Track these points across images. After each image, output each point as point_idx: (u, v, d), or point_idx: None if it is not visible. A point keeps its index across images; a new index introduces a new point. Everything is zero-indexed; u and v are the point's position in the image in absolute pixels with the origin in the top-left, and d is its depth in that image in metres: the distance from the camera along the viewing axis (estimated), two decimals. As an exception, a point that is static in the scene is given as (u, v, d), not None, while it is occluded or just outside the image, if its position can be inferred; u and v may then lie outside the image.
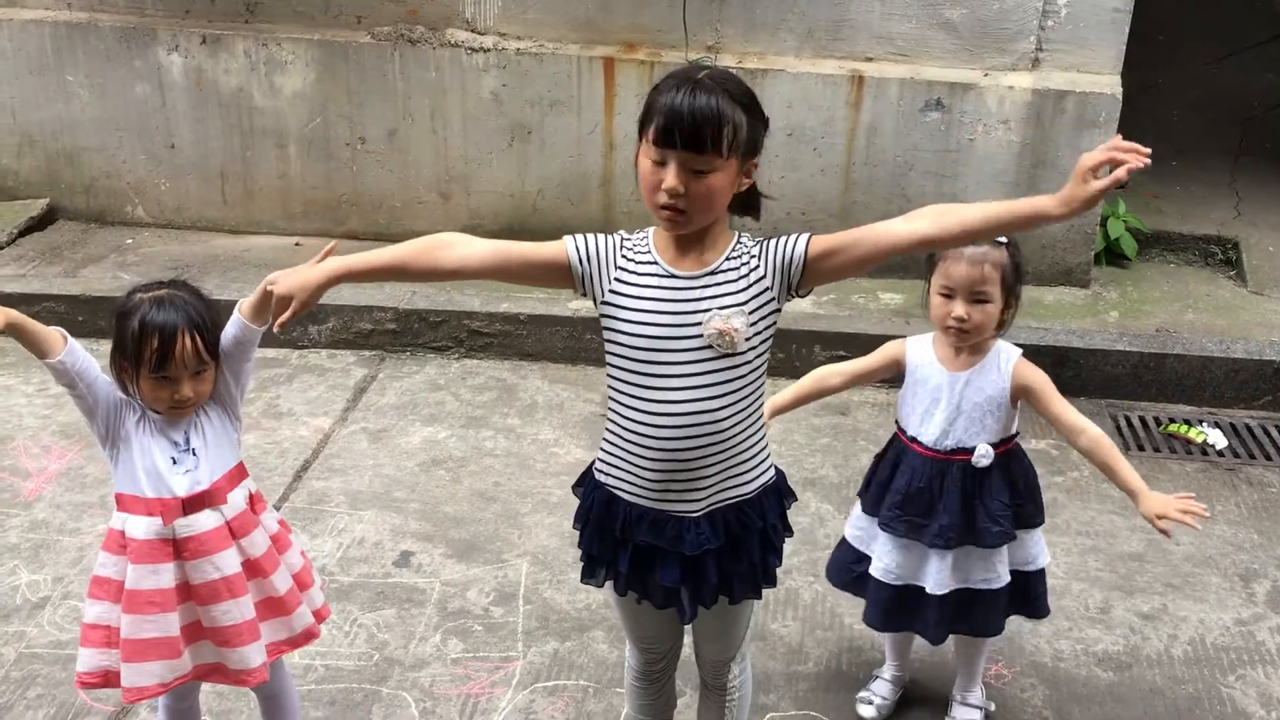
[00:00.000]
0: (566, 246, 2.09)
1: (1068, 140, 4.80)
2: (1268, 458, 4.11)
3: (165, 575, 2.30)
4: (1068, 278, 5.04)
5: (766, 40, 4.95)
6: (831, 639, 3.16)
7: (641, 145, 2.01)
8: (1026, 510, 2.71)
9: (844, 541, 2.89)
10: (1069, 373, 4.42)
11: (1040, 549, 2.76)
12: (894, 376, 2.76)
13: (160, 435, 2.32)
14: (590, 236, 2.11)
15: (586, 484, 2.25)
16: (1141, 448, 4.16)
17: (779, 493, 2.24)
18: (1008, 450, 2.68)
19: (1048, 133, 4.81)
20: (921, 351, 2.71)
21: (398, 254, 2.09)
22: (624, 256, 2.09)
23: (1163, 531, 2.51)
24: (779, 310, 2.09)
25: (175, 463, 2.31)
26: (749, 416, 2.12)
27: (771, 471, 2.22)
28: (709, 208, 2.00)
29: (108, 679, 2.34)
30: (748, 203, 2.12)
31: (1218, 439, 4.22)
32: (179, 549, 2.30)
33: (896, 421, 2.78)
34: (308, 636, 2.47)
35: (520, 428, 4.19)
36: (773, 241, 2.07)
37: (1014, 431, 2.70)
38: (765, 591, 2.28)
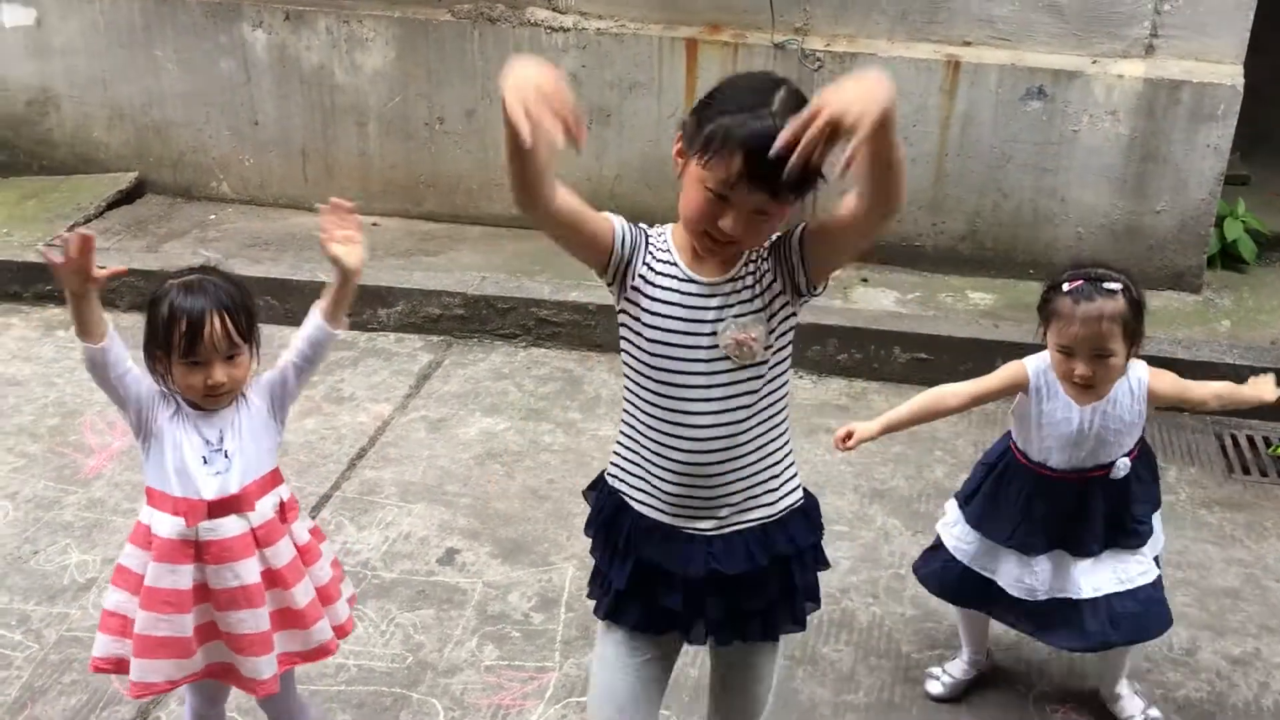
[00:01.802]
0: (614, 226, 1.90)
1: (1181, 134, 4.46)
2: (1389, 487, 3.77)
3: (184, 576, 2.25)
4: (1178, 282, 4.70)
5: (858, 22, 4.70)
6: (886, 667, 2.97)
7: (694, 163, 1.78)
8: (1154, 493, 2.68)
9: (943, 549, 2.74)
10: (1171, 386, 4.11)
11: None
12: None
13: (194, 431, 2.24)
14: (628, 224, 1.94)
15: (599, 489, 2.10)
16: (1247, 470, 3.85)
17: (808, 517, 2.05)
18: (1141, 449, 2.62)
19: (1159, 125, 4.47)
20: (1045, 376, 2.55)
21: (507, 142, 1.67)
22: (650, 253, 1.92)
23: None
24: (795, 314, 1.92)
25: (206, 462, 2.23)
26: (773, 430, 1.96)
27: (800, 493, 2.05)
28: (759, 242, 1.86)
29: (119, 666, 2.33)
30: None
31: (1334, 464, 3.88)
32: (200, 551, 2.25)
33: (1012, 441, 2.65)
34: (322, 652, 2.38)
35: (581, 422, 4.06)
36: (780, 244, 1.90)
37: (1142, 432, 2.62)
38: (815, 614, 2.10)
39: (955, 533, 2.73)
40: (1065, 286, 2.44)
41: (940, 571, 2.77)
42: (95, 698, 2.83)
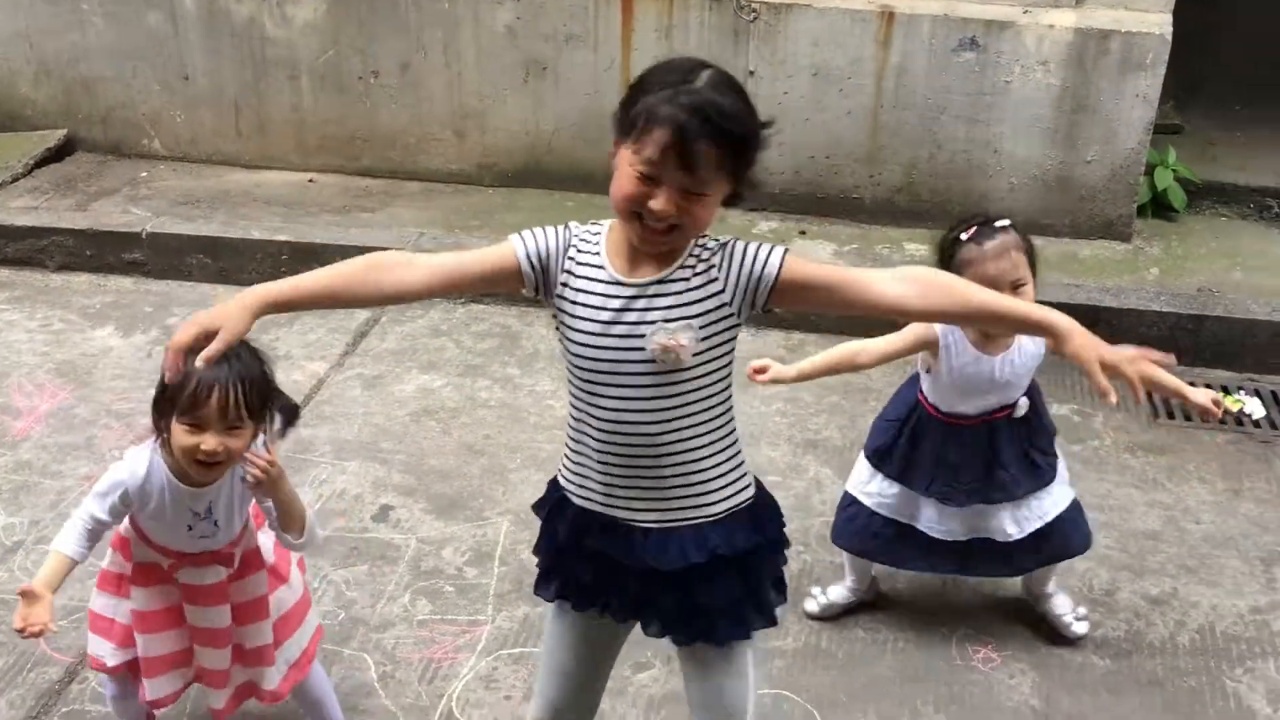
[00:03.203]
0: (516, 250, 1.86)
1: (1111, 84, 4.50)
2: (1308, 430, 3.86)
3: (162, 597, 2.31)
4: (1107, 231, 4.76)
5: (793, -27, 4.68)
6: (815, 613, 3.02)
7: (623, 148, 1.75)
8: (1048, 422, 2.77)
9: (862, 508, 2.80)
10: (1100, 334, 4.12)
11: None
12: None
13: (179, 506, 2.20)
14: (539, 235, 1.87)
15: (549, 493, 2.07)
16: (1171, 415, 3.92)
17: (761, 517, 2.00)
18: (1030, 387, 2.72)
19: (1089, 76, 4.50)
20: (953, 334, 2.60)
21: (332, 279, 1.85)
22: (571, 257, 1.86)
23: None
24: (739, 325, 1.87)
25: (191, 529, 2.23)
26: (710, 432, 1.91)
27: (743, 496, 1.97)
28: (698, 228, 1.80)
29: (107, 666, 2.39)
30: (730, 201, 1.87)
31: (1255, 408, 3.97)
32: (178, 585, 2.30)
33: (922, 395, 2.71)
34: (273, 696, 2.41)
35: (518, 378, 4.07)
36: (738, 252, 1.83)
37: None
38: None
39: (873, 489, 2.79)
40: (963, 236, 2.53)
41: (861, 529, 2.83)
42: (22, 660, 2.81)
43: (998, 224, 2.55)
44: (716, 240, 1.85)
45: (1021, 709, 2.74)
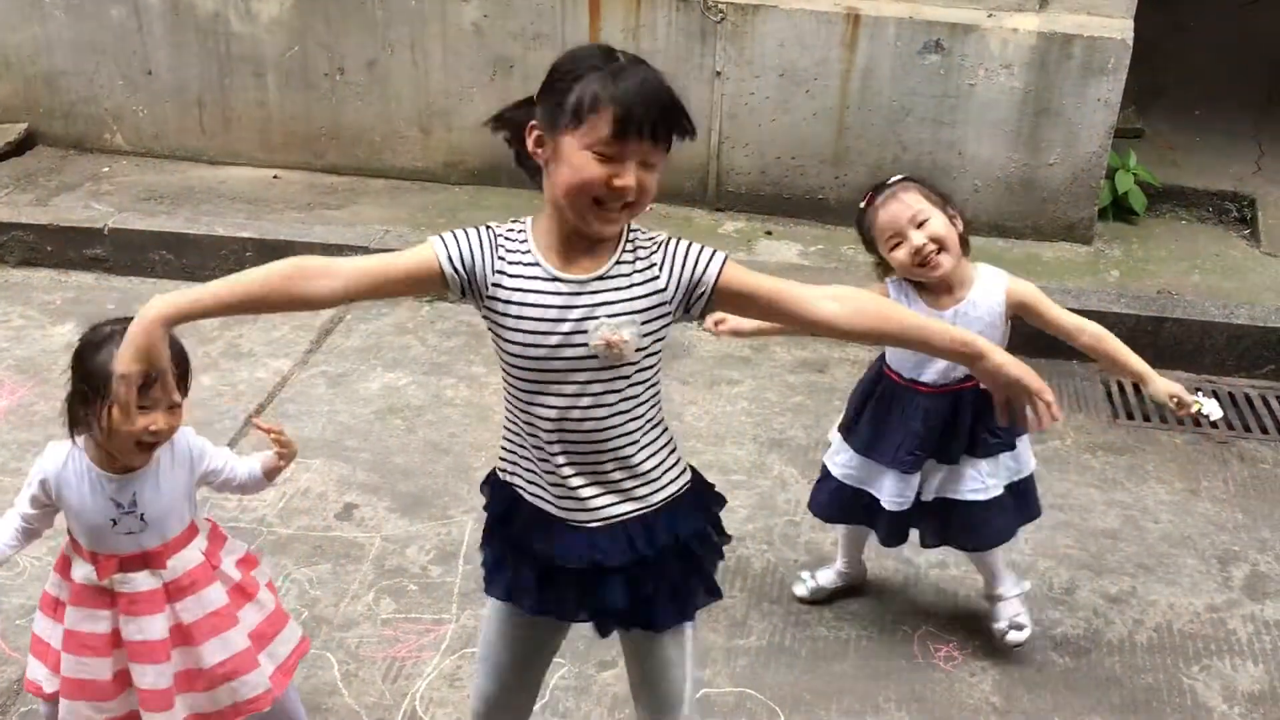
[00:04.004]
0: (437, 253, 1.83)
1: (1073, 88, 4.54)
2: (1264, 431, 3.92)
3: (101, 621, 2.24)
4: (1069, 233, 4.81)
5: (760, -26, 4.70)
6: (779, 612, 3.03)
7: (564, 138, 1.74)
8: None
9: (835, 481, 2.85)
10: (1061, 334, 4.22)
11: (1029, 454, 2.82)
12: None
13: (102, 497, 2.18)
14: (460, 236, 1.84)
15: (492, 481, 2.07)
16: (1131, 416, 3.98)
17: (696, 503, 2.02)
18: None
19: (1052, 79, 4.55)
20: (901, 289, 2.66)
21: (248, 287, 1.79)
22: (500, 256, 1.84)
23: (1178, 410, 2.61)
24: (671, 323, 1.88)
25: (115, 524, 2.19)
26: (646, 422, 1.93)
27: (681, 481, 2.00)
28: (647, 203, 1.81)
29: (44, 692, 2.33)
30: None
31: (1213, 409, 3.94)
32: (114, 599, 2.24)
33: (885, 364, 2.74)
34: (252, 705, 2.31)
35: (484, 376, 4.06)
36: (680, 251, 1.85)
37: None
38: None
39: (840, 460, 2.83)
40: (863, 205, 2.64)
41: (828, 498, 2.88)
42: (-20, 660, 2.78)
43: (889, 181, 2.63)
44: (650, 236, 1.87)
45: (982, 706, 2.77)
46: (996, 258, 4.62)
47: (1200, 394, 4.06)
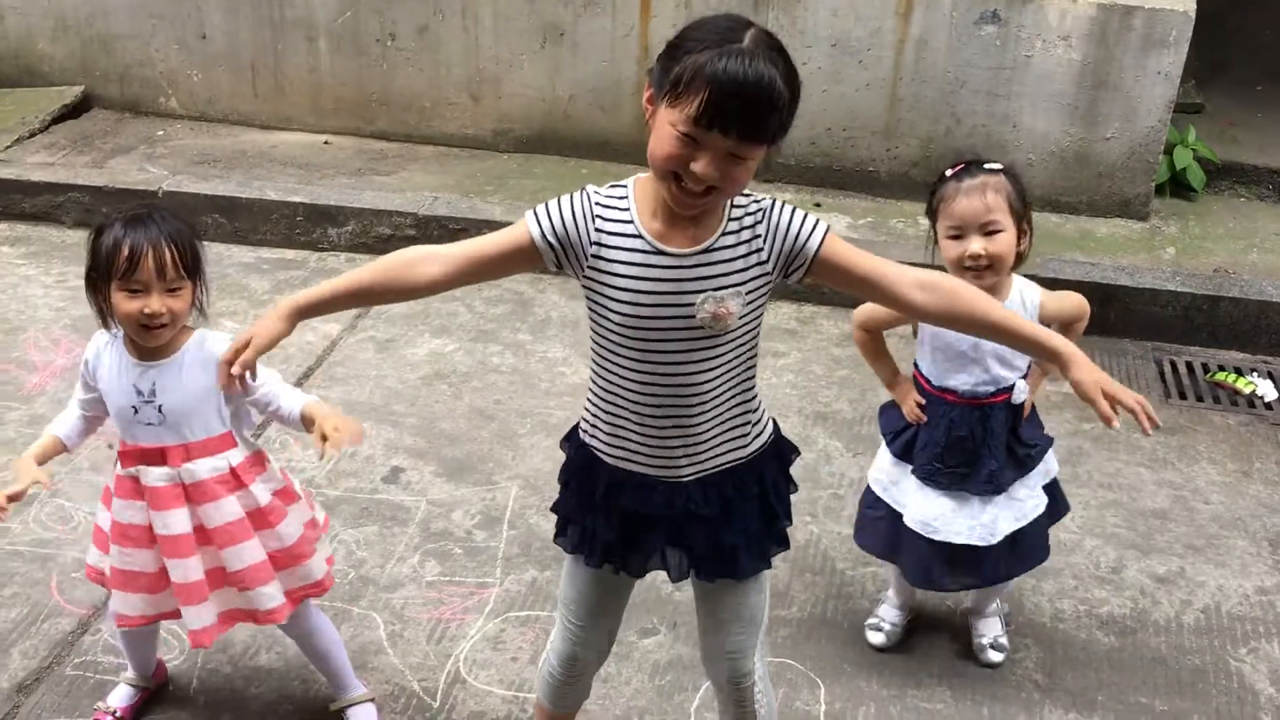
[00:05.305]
0: (530, 229, 1.83)
1: (1133, 60, 4.46)
2: (1320, 413, 3.85)
3: (139, 513, 2.31)
4: (1125, 209, 4.73)
5: (815, -58, 4.65)
6: (820, 584, 3.03)
7: (663, 105, 1.69)
8: (1035, 415, 2.67)
9: (869, 495, 2.75)
10: (1114, 313, 4.17)
11: (1052, 453, 2.71)
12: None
13: (127, 380, 2.25)
14: (553, 208, 1.83)
15: (573, 440, 2.08)
16: (1184, 396, 3.92)
17: (778, 452, 2.06)
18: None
19: (1111, 52, 4.46)
20: None
21: (361, 280, 1.89)
22: (599, 226, 1.82)
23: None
24: (772, 284, 1.87)
25: (136, 412, 2.25)
26: (745, 380, 1.95)
27: (768, 435, 2.04)
28: (735, 191, 1.77)
29: (103, 578, 2.42)
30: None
31: (1268, 390, 3.95)
32: (143, 491, 2.30)
33: (917, 371, 2.65)
34: (268, 616, 2.37)
35: (530, 344, 4.07)
36: (783, 219, 1.82)
37: None
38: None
39: (878, 464, 2.73)
40: (948, 173, 2.47)
41: (870, 526, 2.76)
42: (35, 610, 2.85)
43: (988, 165, 2.44)
44: (756, 201, 1.84)
45: (1024, 683, 2.75)
46: (1050, 234, 4.57)
47: (1255, 375, 4.02)
